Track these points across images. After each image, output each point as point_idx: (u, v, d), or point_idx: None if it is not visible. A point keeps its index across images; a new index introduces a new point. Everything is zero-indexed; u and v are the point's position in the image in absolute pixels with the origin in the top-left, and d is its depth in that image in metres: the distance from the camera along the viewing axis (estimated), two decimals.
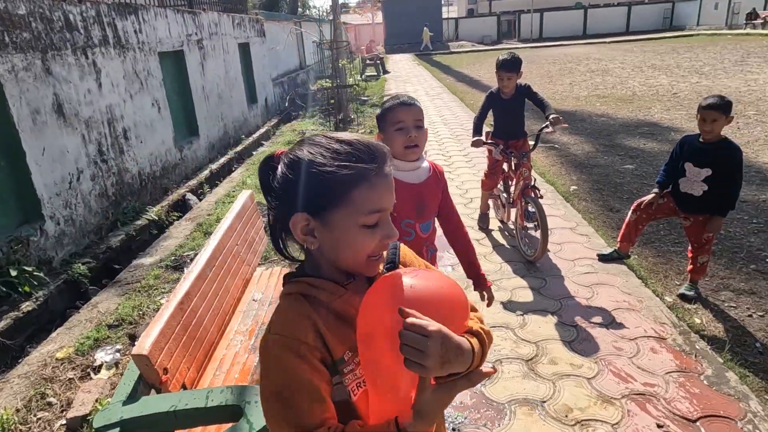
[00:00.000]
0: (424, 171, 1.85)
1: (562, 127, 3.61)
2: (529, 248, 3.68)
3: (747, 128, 7.53)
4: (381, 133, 1.82)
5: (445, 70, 20.30)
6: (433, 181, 1.87)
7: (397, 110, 1.74)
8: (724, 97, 2.90)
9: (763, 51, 18.22)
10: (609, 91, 12.08)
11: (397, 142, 1.74)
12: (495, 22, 40.04)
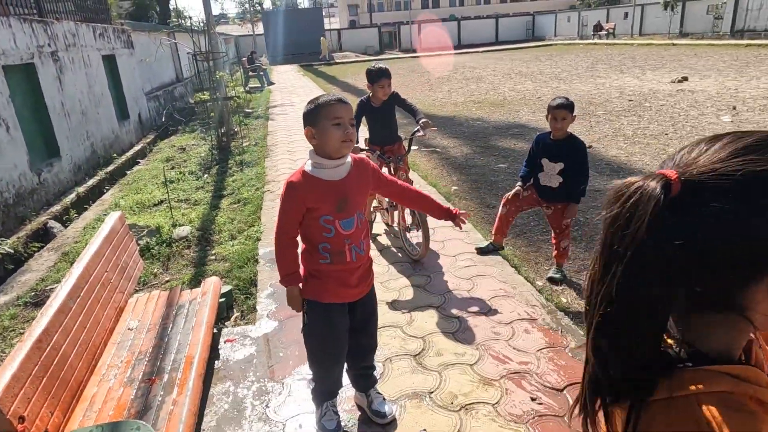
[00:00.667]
0: (346, 166, 1.88)
1: (431, 130, 3.85)
2: (413, 248, 3.83)
3: (598, 126, 8.52)
4: (312, 127, 1.82)
5: (331, 81, 20.47)
6: (355, 175, 1.90)
7: (335, 106, 1.81)
8: (568, 98, 3.26)
9: (608, 58, 20.75)
10: (483, 97, 12.98)
11: (335, 135, 1.78)
12: (377, 33, 41.21)
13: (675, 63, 17.04)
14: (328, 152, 1.82)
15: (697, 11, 27.80)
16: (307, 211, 1.84)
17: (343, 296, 1.97)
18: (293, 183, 1.85)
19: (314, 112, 1.82)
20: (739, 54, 18.45)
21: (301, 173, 1.86)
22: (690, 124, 8.08)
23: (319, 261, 1.90)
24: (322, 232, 1.85)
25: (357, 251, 1.91)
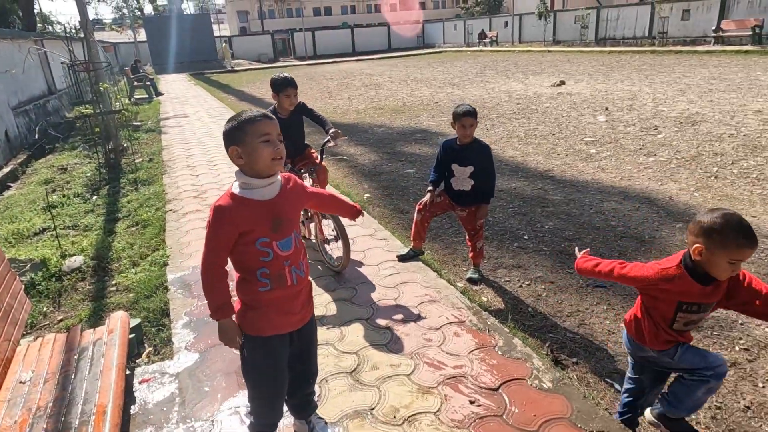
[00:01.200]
0: (276, 184, 1.78)
1: (342, 139, 3.84)
2: (334, 260, 3.77)
3: (493, 129, 9.03)
4: (238, 146, 1.69)
5: (225, 90, 19.69)
6: (286, 193, 1.80)
7: (262, 122, 1.70)
8: (471, 106, 3.41)
9: (494, 64, 22.15)
10: (383, 103, 13.22)
11: (265, 153, 1.69)
12: (270, 40, 40.40)
13: (552, 68, 18.61)
14: (257, 171, 1.71)
15: (567, 21, 30.65)
16: (240, 235, 1.71)
17: (286, 326, 1.85)
18: (222, 207, 1.70)
19: (239, 130, 1.70)
20: (604, 59, 20.62)
21: (230, 195, 1.73)
22: (572, 125, 8.84)
23: (258, 289, 1.76)
24: (259, 256, 1.73)
25: (297, 273, 1.81)
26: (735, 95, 10.32)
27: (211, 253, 1.74)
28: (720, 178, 5.57)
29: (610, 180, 5.83)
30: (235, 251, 1.74)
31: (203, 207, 5.49)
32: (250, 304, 1.80)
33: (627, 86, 12.80)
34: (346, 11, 63.90)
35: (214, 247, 1.73)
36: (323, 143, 3.80)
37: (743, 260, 1.71)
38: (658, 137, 7.51)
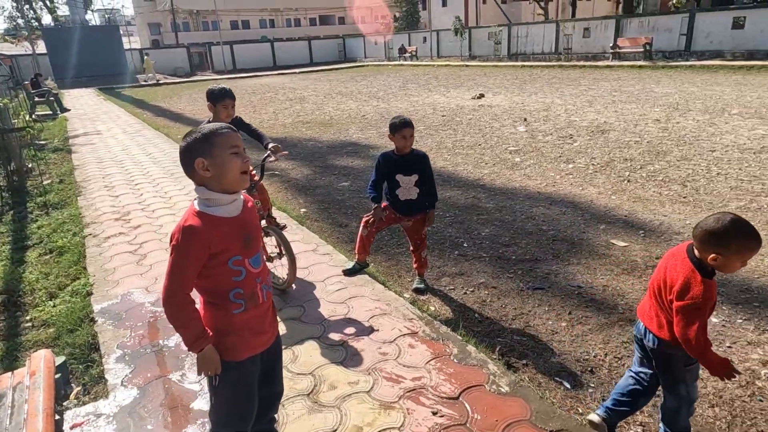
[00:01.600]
0: (240, 200, 1.70)
1: (283, 154, 3.73)
2: (278, 279, 3.65)
3: (422, 140, 9.23)
4: (205, 158, 1.58)
5: (140, 105, 18.65)
6: (248, 208, 1.73)
7: (231, 134, 1.65)
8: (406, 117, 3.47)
9: (416, 78, 22.76)
10: (310, 117, 13.12)
11: (235, 166, 1.62)
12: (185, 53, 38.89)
13: (471, 82, 19.43)
14: (225, 185, 1.63)
15: (481, 37, 32.22)
16: (211, 257, 1.60)
17: (259, 346, 1.77)
18: (193, 227, 1.58)
19: (206, 142, 1.61)
20: (517, 73, 21.86)
21: (197, 214, 1.61)
22: (496, 135, 9.25)
23: (232, 312, 1.67)
24: (232, 276, 1.64)
25: (266, 289, 1.76)
26: (635, 105, 11.31)
27: (180, 281, 1.60)
28: (632, 182, 6.05)
29: (536, 186, 6.14)
30: (203, 275, 1.63)
31: (127, 230, 5.12)
32: (222, 329, 1.69)
33: (541, 98, 13.62)
34: (264, 25, 63.02)
35: (183, 273, 1.59)
36: (263, 159, 3.68)
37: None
38: (574, 145, 8.03)
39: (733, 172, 6.09)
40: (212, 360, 1.66)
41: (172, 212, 5.61)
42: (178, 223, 1.63)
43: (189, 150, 1.63)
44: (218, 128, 1.64)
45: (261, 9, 62.21)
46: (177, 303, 1.61)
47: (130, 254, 4.47)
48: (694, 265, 1.83)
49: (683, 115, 9.88)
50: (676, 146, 7.49)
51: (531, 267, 4.05)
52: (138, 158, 8.78)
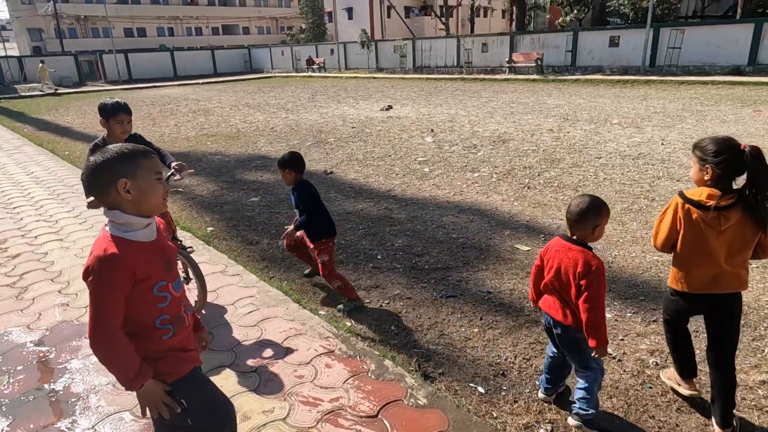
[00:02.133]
0: (154, 224, 1.59)
1: (188, 172, 3.54)
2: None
3: (333, 153, 9.21)
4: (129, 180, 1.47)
5: (19, 118, 16.86)
6: (162, 230, 1.65)
7: (155, 159, 1.57)
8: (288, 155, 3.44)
9: (325, 90, 22.75)
10: (216, 130, 12.60)
11: (160, 191, 1.57)
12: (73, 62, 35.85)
13: (379, 93, 19.79)
14: (144, 209, 1.53)
15: (387, 50, 33.00)
16: (135, 284, 1.48)
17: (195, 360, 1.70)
18: (114, 255, 1.44)
19: (131, 162, 1.49)
20: (423, 86, 22.62)
21: (114, 240, 1.47)
22: (405, 146, 9.46)
23: (162, 338, 1.56)
24: (158, 303, 1.54)
25: (188, 311, 1.69)
26: (531, 116, 12.13)
27: (110, 316, 1.45)
28: (531, 188, 6.45)
29: (445, 196, 6.34)
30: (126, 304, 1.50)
31: (4, 260, 4.54)
32: (153, 357, 1.56)
33: (446, 110, 14.18)
34: (163, 33, 59.87)
35: (111, 307, 1.45)
36: (166, 177, 3.43)
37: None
38: (478, 155, 8.42)
39: (617, 176, 6.71)
40: (155, 391, 1.54)
41: (59, 237, 5.07)
42: (91, 255, 1.46)
43: (110, 169, 1.49)
44: (143, 150, 1.56)
45: (158, 16, 59.09)
46: (109, 342, 1.46)
47: (8, 288, 3.96)
48: (581, 246, 2.18)
49: (573, 125, 10.75)
50: (568, 154, 8.12)
51: (444, 275, 4.15)
52: (17, 178, 7.88)
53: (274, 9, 68.44)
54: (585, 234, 2.18)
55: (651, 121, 10.74)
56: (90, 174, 1.52)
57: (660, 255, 4.32)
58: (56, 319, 3.41)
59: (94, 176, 1.51)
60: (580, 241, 2.21)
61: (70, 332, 3.24)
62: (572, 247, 2.20)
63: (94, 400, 2.59)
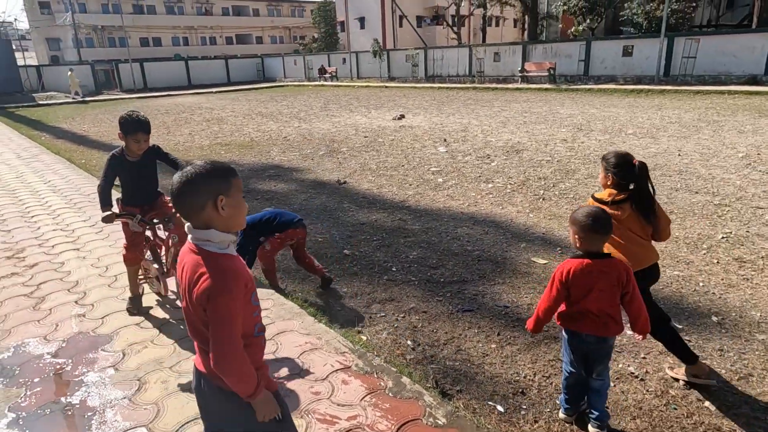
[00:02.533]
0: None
1: None
2: None
3: (346, 162, 9.21)
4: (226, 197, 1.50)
5: (37, 126, 17.13)
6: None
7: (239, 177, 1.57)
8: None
9: (337, 99, 22.86)
10: (229, 139, 12.70)
11: (245, 208, 1.59)
12: (90, 71, 36.43)
13: (391, 102, 19.84)
14: (230, 227, 1.55)
15: (399, 59, 33.12)
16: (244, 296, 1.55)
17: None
18: (237, 269, 1.50)
19: (227, 180, 1.52)
20: (435, 95, 22.64)
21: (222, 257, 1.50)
22: (418, 156, 9.44)
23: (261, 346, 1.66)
24: (254, 311, 1.59)
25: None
26: (544, 126, 12.07)
27: (237, 329, 1.48)
28: (547, 200, 6.39)
29: (459, 207, 6.30)
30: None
31: (22, 269, 4.58)
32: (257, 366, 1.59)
33: (458, 119, 14.16)
34: (178, 42, 60.70)
35: (237, 321, 1.48)
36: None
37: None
38: (491, 165, 8.38)
39: None
40: (272, 401, 1.60)
41: (76, 247, 5.11)
42: (206, 275, 1.45)
43: (209, 186, 1.49)
44: (232, 168, 1.58)
45: (173, 26, 59.94)
46: (239, 356, 1.48)
47: (26, 297, 3.99)
48: (605, 257, 2.32)
49: (587, 135, 10.66)
50: (583, 165, 8.04)
51: (459, 289, 4.10)
52: (35, 186, 7.98)
53: (288, 19, 69.14)
54: (598, 246, 2.30)
55: (666, 131, 10.63)
56: (186, 189, 1.48)
57: (680, 270, 4.24)
58: (73, 331, 3.42)
59: (191, 192, 1.48)
60: (596, 252, 2.29)
61: (87, 344, 3.25)
62: (603, 262, 2.28)
63: (110, 414, 2.57)
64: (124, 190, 3.65)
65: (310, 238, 5.33)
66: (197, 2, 62.06)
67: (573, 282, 2.28)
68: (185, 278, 1.51)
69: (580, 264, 2.27)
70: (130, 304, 3.68)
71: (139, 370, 2.94)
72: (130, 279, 3.68)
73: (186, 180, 1.48)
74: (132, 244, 3.57)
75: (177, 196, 1.51)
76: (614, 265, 2.27)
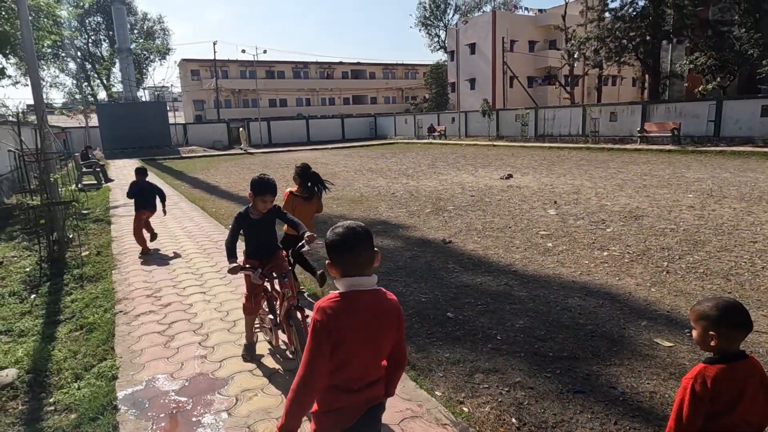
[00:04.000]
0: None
1: (317, 243, 3.76)
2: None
3: (451, 221, 9.23)
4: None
5: (178, 176, 19.48)
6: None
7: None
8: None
9: (444, 156, 23.27)
10: (341, 193, 13.39)
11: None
12: (225, 128, 41.06)
13: (499, 162, 19.73)
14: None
15: (508, 119, 33.13)
16: None
17: None
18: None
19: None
20: (545, 154, 22.14)
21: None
22: (526, 218, 9.20)
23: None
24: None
25: None
26: (667, 191, 11.19)
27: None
28: (671, 273, 5.83)
29: (570, 275, 5.98)
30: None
31: (157, 308, 5.13)
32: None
33: (570, 180, 13.65)
34: (301, 103, 66.62)
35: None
36: (298, 248, 3.71)
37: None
38: (607, 231, 7.89)
39: None
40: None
41: (203, 290, 5.63)
42: (396, 304, 1.92)
43: (372, 242, 1.87)
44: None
45: (298, 89, 66.13)
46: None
47: (158, 335, 4.44)
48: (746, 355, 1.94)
49: (719, 202, 9.69)
50: (715, 236, 7.28)
51: (570, 366, 3.83)
52: (173, 232, 9.00)
53: (401, 81, 73.07)
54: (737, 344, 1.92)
55: None
56: (368, 242, 1.83)
57: None
58: (195, 371, 3.72)
59: (370, 244, 1.84)
60: (736, 352, 1.91)
61: (206, 385, 3.51)
62: (747, 362, 1.90)
63: None
64: (247, 244, 4.00)
65: (413, 297, 5.37)
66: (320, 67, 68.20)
67: (717, 393, 1.84)
68: (382, 315, 1.84)
69: (722, 369, 1.85)
70: (245, 351, 3.95)
71: (249, 417, 3.09)
72: (246, 327, 3.96)
73: (362, 237, 1.82)
74: (252, 295, 3.86)
75: (363, 250, 1.81)
76: (756, 365, 1.90)
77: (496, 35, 45.52)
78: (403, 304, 5.16)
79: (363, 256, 1.79)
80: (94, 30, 49.96)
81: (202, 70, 60.47)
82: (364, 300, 1.80)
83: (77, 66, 49.98)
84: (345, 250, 1.78)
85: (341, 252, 1.79)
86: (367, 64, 71.09)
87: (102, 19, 48.31)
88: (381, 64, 72.31)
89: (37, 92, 8.08)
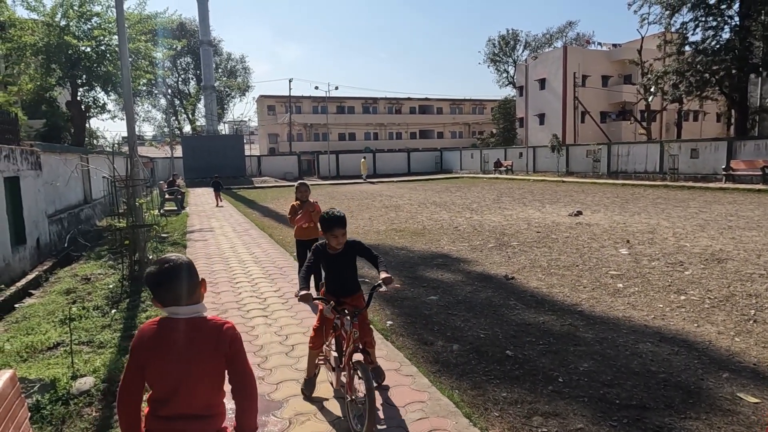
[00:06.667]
0: None
1: (394, 287, 3.53)
2: (357, 422, 3.28)
3: (515, 257, 9.00)
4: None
5: (250, 205, 20.45)
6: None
7: None
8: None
9: (510, 191, 22.89)
10: (404, 225, 13.47)
11: None
12: (296, 160, 42.89)
13: (568, 198, 19.10)
14: None
15: (579, 154, 32.16)
16: None
17: None
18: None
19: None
20: (618, 191, 21.19)
21: None
22: (595, 256, 8.79)
23: None
24: None
25: None
26: (756, 233, 10.32)
27: None
28: (759, 323, 5.32)
29: (643, 318, 5.61)
30: None
31: None
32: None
33: (644, 219, 12.95)
34: (369, 137, 68.39)
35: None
36: (373, 287, 3.55)
37: None
38: (685, 274, 7.37)
39: None
40: None
41: (265, 314, 5.81)
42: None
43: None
44: None
45: (367, 123, 68.08)
46: None
47: None
48: None
49: None
50: None
51: (639, 415, 3.56)
52: (242, 257, 9.42)
53: (468, 116, 73.35)
54: None
55: None
56: (186, 274, 1.92)
57: None
58: None
59: (188, 276, 1.93)
60: None
61: (262, 406, 3.58)
62: None
63: None
64: (326, 279, 3.83)
65: (471, 332, 5.25)
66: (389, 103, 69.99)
67: None
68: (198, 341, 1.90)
69: None
70: (305, 386, 3.82)
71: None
72: (309, 361, 3.83)
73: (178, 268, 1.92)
74: (321, 327, 3.73)
75: (174, 283, 1.89)
76: None
77: (567, 70, 44.80)
78: (461, 339, 5.06)
79: (178, 288, 1.89)
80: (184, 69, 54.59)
81: (277, 105, 63.95)
82: (178, 328, 1.89)
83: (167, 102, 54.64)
84: (156, 285, 1.91)
85: (153, 287, 1.92)
86: (434, 100, 72.13)
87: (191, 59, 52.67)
88: (448, 99, 73.17)
89: (130, 125, 8.90)
